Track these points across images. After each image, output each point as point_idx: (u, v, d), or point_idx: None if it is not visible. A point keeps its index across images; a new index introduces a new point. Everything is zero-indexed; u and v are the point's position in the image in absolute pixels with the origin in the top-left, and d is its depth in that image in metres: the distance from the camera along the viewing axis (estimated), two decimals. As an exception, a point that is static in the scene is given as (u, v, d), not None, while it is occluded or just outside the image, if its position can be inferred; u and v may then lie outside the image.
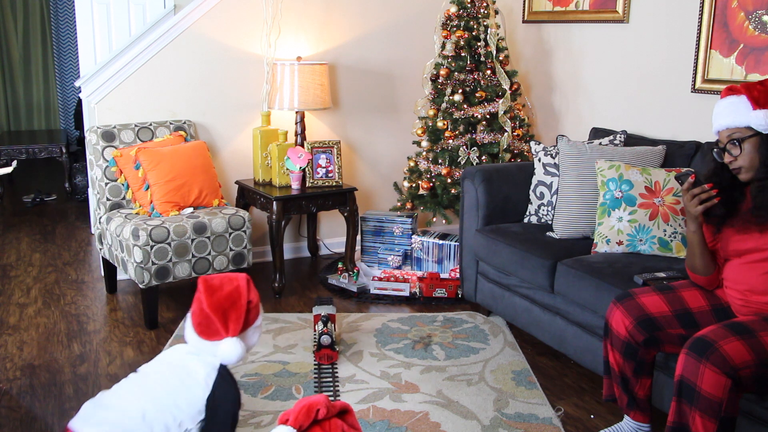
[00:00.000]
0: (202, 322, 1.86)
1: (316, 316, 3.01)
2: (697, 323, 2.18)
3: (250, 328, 1.91)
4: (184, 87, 3.99)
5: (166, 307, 3.60)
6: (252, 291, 1.91)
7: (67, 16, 8.01)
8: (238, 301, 1.87)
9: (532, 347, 3.17)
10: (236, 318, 1.86)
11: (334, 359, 2.91)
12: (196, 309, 1.88)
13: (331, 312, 3.02)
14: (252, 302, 1.90)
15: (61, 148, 6.10)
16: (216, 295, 1.86)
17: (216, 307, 1.85)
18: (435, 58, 4.10)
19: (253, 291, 1.92)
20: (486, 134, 3.92)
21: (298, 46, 4.23)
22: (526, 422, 2.51)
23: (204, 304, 1.85)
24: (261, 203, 3.88)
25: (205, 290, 1.86)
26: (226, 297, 1.86)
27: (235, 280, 1.90)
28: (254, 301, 1.91)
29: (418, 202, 4.11)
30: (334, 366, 2.85)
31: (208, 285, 1.87)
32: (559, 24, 4.24)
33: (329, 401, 1.73)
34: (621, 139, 3.35)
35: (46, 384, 2.79)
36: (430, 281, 3.72)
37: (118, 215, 3.47)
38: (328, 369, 2.88)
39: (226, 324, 1.85)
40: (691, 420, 1.88)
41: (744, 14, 3.12)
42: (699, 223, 2.15)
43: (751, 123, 2.02)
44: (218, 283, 1.88)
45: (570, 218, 3.13)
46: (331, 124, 4.44)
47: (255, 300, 1.91)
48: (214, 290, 1.87)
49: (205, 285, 1.87)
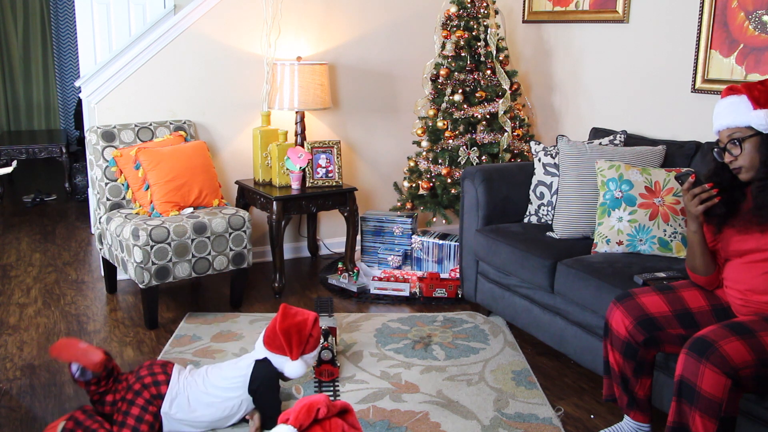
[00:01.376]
0: (272, 337, 2.40)
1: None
2: (697, 323, 2.18)
3: (307, 354, 2.44)
4: (184, 87, 3.99)
5: (166, 307, 3.60)
6: (316, 327, 2.44)
7: (67, 16, 8.02)
8: (302, 331, 2.40)
9: (532, 347, 3.17)
10: (298, 343, 2.39)
11: (335, 376, 2.79)
12: (271, 326, 2.42)
13: (331, 325, 2.92)
14: (312, 336, 2.43)
15: (61, 148, 6.10)
16: (287, 321, 2.39)
17: (285, 330, 2.38)
18: (435, 58, 4.10)
19: (317, 328, 2.45)
20: (486, 134, 3.92)
21: (298, 46, 4.23)
22: (526, 422, 2.51)
23: (277, 325, 2.39)
24: (261, 203, 3.88)
25: (281, 315, 2.41)
26: (294, 325, 2.39)
27: (306, 314, 2.44)
28: (315, 336, 2.44)
29: (418, 202, 4.11)
30: (335, 382, 2.77)
31: (284, 312, 2.42)
32: (559, 24, 4.24)
33: (330, 401, 1.73)
34: (621, 139, 3.35)
35: (46, 384, 2.79)
36: (430, 281, 3.72)
37: (118, 215, 3.47)
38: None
39: (290, 346, 2.38)
40: (691, 420, 1.88)
41: (744, 14, 3.12)
42: (699, 223, 2.15)
43: (751, 123, 2.02)
44: (293, 312, 2.43)
45: (570, 218, 3.13)
46: (331, 124, 4.44)
47: (316, 335, 2.44)
48: (287, 317, 2.41)
49: (283, 311, 2.42)
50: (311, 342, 2.43)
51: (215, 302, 3.71)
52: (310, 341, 2.42)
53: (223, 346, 3.13)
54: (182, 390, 2.37)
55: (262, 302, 3.69)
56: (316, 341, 2.45)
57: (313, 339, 2.43)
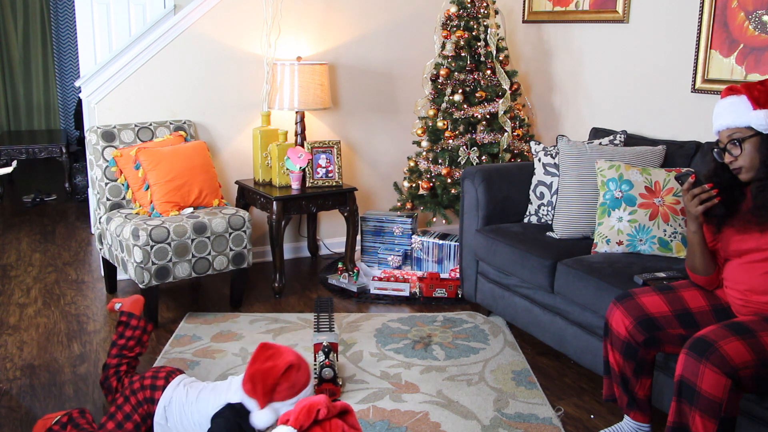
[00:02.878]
0: (245, 381, 2.15)
1: (316, 345, 2.75)
2: (697, 323, 2.18)
3: (277, 403, 2.13)
4: (184, 87, 3.99)
5: (166, 307, 3.60)
6: (288, 376, 2.12)
7: (67, 16, 8.02)
8: (267, 380, 2.12)
9: (532, 347, 3.17)
10: (263, 392, 2.11)
11: (337, 395, 2.68)
12: (246, 368, 2.18)
13: (333, 341, 2.77)
14: (281, 384, 2.12)
15: (61, 148, 6.10)
16: (255, 366, 2.15)
17: (251, 375, 2.13)
18: (435, 58, 4.10)
19: (290, 376, 2.13)
20: (486, 134, 3.92)
21: (298, 46, 4.23)
22: (526, 422, 2.51)
23: (247, 368, 2.16)
24: (261, 203, 3.88)
25: (253, 356, 2.17)
26: (261, 372, 2.13)
27: (280, 359, 2.14)
28: (285, 385, 2.12)
29: (418, 202, 4.11)
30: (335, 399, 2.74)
31: (257, 354, 2.17)
32: (559, 24, 4.24)
33: (330, 401, 1.73)
34: (621, 139, 3.35)
35: (46, 384, 2.79)
36: (430, 281, 3.72)
37: (118, 215, 3.47)
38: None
39: (256, 392, 2.12)
40: (691, 420, 1.88)
41: (744, 14, 3.12)
42: (699, 224, 2.15)
43: (751, 123, 2.02)
44: (267, 354, 2.16)
45: (570, 218, 3.13)
46: (331, 124, 4.44)
47: (287, 383, 2.12)
48: (257, 360, 2.16)
49: (257, 352, 2.17)
50: (280, 391, 2.13)
51: (215, 302, 3.71)
52: (279, 390, 2.13)
53: (223, 346, 3.13)
54: (174, 401, 2.29)
55: (262, 302, 3.69)
56: (288, 391, 2.14)
57: (283, 388, 2.13)
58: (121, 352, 2.56)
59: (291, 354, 2.17)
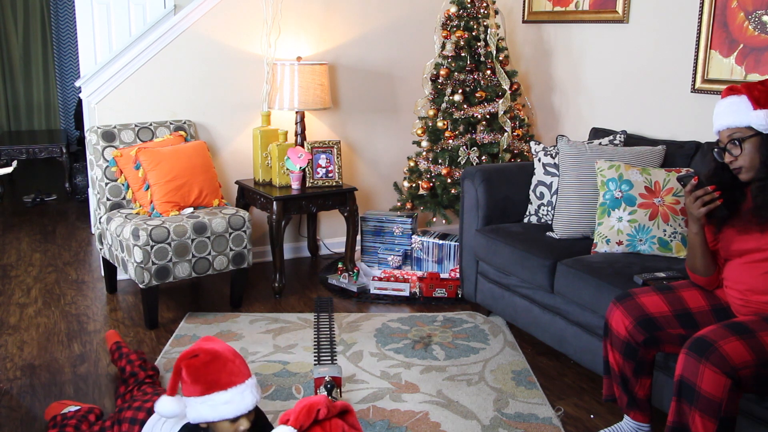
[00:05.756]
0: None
1: (317, 380, 2.55)
2: (697, 323, 2.18)
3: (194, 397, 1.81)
4: (184, 87, 3.99)
5: (166, 307, 3.60)
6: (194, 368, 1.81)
7: (67, 16, 8.02)
8: (175, 368, 1.84)
9: (532, 347, 3.17)
10: (173, 380, 1.85)
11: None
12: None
13: (335, 375, 2.56)
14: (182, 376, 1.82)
15: (61, 148, 6.10)
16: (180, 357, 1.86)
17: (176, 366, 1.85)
18: (435, 58, 4.10)
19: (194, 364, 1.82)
20: (486, 134, 3.92)
21: (298, 46, 4.23)
22: (526, 422, 2.52)
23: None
24: (261, 203, 3.88)
25: (186, 351, 1.86)
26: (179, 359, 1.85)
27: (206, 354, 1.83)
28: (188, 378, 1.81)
29: (418, 202, 4.11)
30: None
31: (191, 349, 1.85)
32: (559, 24, 4.24)
33: (330, 401, 1.73)
34: (621, 139, 3.35)
35: (47, 384, 2.79)
36: (430, 281, 3.72)
37: (118, 215, 3.47)
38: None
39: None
40: (691, 420, 1.88)
41: (744, 14, 3.12)
42: (701, 225, 2.15)
43: (751, 123, 2.02)
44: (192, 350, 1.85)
45: (570, 218, 3.13)
46: (331, 124, 4.44)
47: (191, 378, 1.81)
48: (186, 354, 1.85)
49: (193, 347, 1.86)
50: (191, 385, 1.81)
51: (215, 302, 3.71)
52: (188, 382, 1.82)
53: (223, 346, 3.12)
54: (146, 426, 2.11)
55: (262, 302, 3.69)
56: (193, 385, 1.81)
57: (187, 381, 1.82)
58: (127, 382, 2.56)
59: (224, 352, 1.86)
